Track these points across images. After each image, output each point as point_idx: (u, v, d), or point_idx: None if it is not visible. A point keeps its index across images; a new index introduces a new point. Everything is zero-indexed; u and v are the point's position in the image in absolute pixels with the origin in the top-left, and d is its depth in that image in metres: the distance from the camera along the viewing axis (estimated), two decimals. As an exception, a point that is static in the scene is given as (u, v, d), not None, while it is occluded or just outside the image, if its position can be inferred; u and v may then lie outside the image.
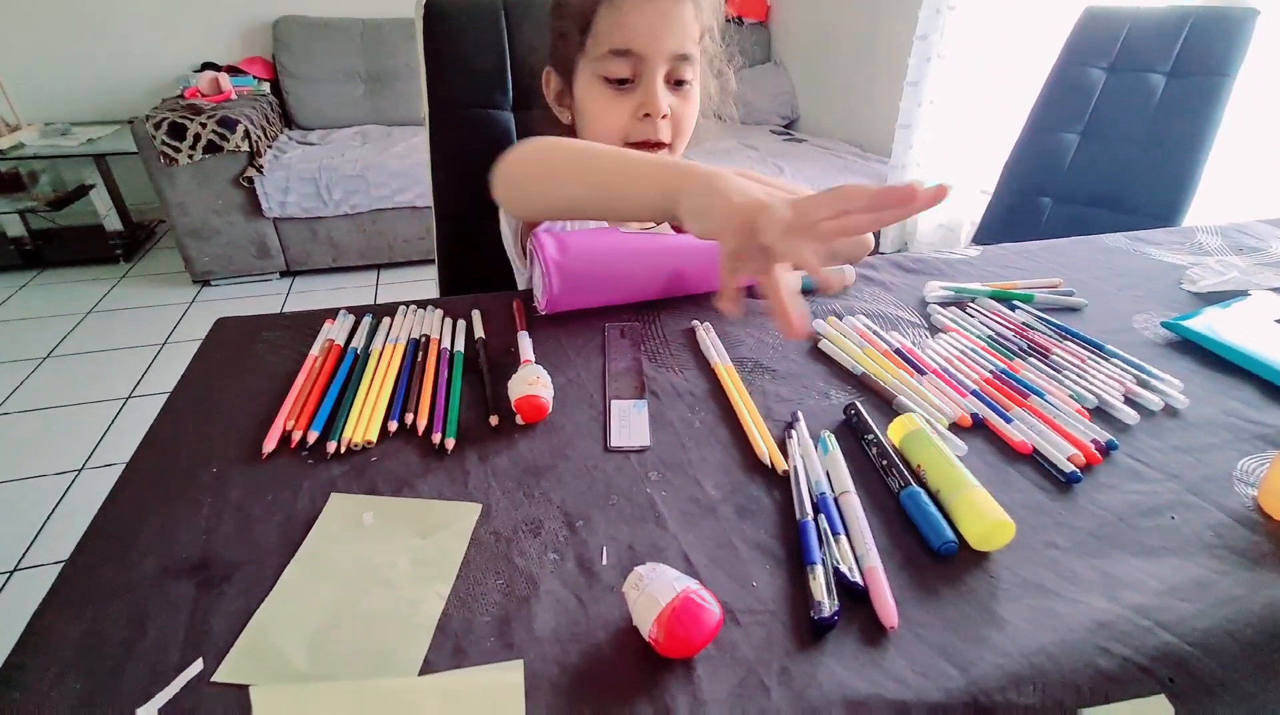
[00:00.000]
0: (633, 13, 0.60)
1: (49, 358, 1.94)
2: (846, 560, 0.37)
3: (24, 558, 1.27)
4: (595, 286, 0.62)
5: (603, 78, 0.63)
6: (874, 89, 2.51)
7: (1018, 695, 0.30)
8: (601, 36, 0.61)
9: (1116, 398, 0.51)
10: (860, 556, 0.37)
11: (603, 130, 0.66)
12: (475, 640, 0.33)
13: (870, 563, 0.36)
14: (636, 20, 0.60)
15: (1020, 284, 0.70)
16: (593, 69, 0.64)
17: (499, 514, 0.41)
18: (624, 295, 0.64)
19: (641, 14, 0.60)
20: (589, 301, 0.63)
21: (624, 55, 0.61)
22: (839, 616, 0.34)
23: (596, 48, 0.62)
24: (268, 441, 0.45)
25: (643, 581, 0.33)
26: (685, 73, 0.64)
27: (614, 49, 0.61)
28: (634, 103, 0.64)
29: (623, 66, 0.62)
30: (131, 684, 0.30)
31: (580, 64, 0.65)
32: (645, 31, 0.61)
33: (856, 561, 0.37)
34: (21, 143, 2.38)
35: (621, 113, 0.64)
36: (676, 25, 0.61)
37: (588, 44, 0.63)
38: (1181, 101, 1.42)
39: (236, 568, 0.37)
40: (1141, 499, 0.43)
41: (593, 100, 0.65)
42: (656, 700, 0.30)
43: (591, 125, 0.67)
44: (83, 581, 0.36)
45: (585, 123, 0.68)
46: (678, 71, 0.63)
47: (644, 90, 0.63)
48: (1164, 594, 0.36)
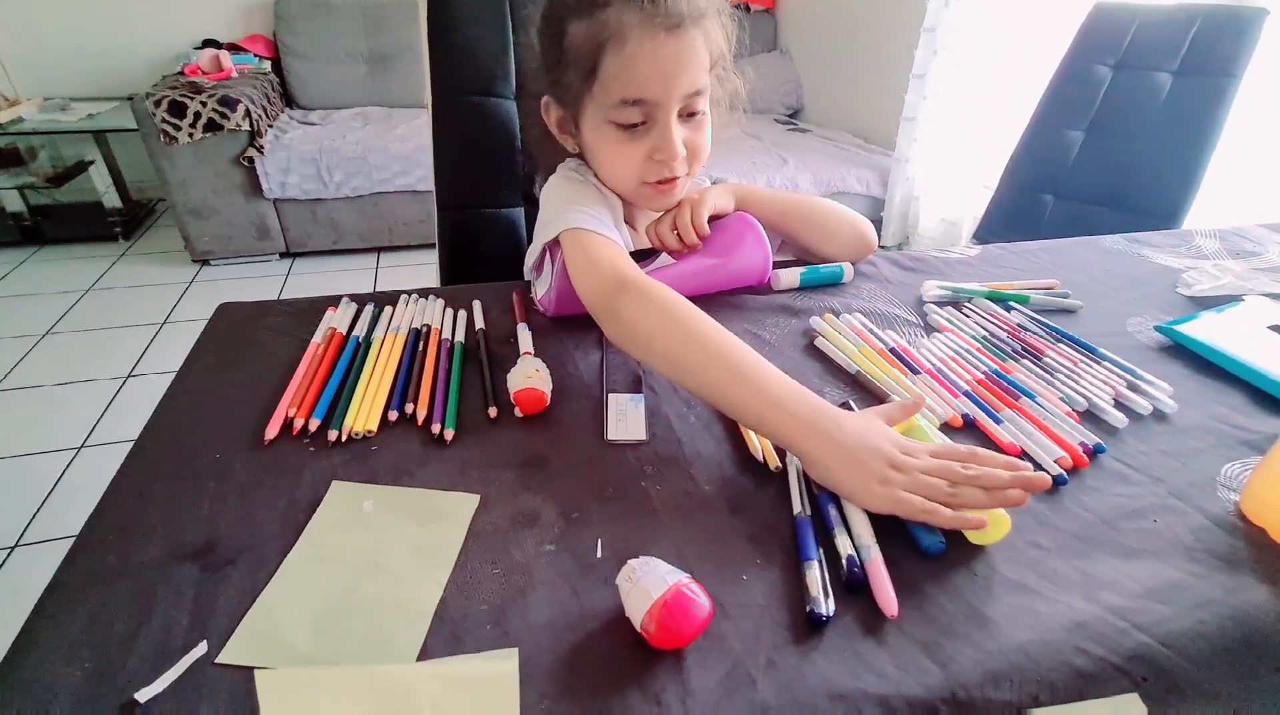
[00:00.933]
0: (642, 60, 0.55)
1: (48, 335, 1.94)
2: (846, 552, 0.38)
3: (24, 534, 1.28)
4: None
5: (613, 123, 0.59)
6: (879, 81, 2.49)
7: (995, 691, 0.32)
8: (610, 83, 0.57)
9: (1106, 401, 0.52)
10: (861, 549, 0.38)
11: (616, 173, 0.64)
12: (472, 628, 0.34)
13: (872, 556, 0.37)
14: (647, 69, 0.56)
15: (1016, 285, 0.70)
16: (601, 115, 0.59)
17: (497, 505, 0.42)
18: None
19: (652, 62, 0.55)
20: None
21: (635, 104, 0.57)
22: (835, 613, 0.35)
23: (605, 95, 0.58)
24: (270, 428, 0.46)
25: (635, 574, 0.34)
26: (698, 105, 0.60)
27: (625, 98, 0.57)
28: (647, 146, 0.60)
29: (634, 113, 0.58)
30: (139, 662, 0.31)
31: (586, 107, 0.61)
32: (657, 78, 0.56)
33: (858, 553, 0.38)
34: (20, 117, 2.36)
35: (635, 156, 0.61)
36: (688, 63, 0.57)
37: (594, 89, 0.58)
38: (1187, 101, 1.42)
39: (240, 552, 0.37)
40: (1125, 502, 0.44)
41: (604, 144, 0.62)
42: (647, 689, 0.31)
43: (604, 168, 0.65)
44: (90, 563, 0.37)
45: (597, 162, 0.65)
46: (690, 105, 0.60)
47: (658, 134, 0.59)
48: (1141, 596, 0.37)
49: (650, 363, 0.52)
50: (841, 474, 0.41)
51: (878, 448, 0.42)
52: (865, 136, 2.61)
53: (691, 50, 0.57)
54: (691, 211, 0.64)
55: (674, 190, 0.64)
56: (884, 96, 2.44)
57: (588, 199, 0.64)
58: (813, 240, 0.73)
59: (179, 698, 0.30)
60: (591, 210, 0.62)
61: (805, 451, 0.43)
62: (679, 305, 0.51)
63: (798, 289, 0.70)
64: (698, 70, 0.58)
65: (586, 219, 0.60)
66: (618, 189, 0.66)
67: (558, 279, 0.60)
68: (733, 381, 0.46)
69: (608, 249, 0.58)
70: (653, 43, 0.55)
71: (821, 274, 0.70)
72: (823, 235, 0.73)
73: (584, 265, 0.57)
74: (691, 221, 0.64)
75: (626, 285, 0.53)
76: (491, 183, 0.94)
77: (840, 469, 0.41)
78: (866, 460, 0.41)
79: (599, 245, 0.58)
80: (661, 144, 0.59)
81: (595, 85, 0.58)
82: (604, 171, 0.65)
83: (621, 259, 0.57)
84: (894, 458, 0.41)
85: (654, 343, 0.50)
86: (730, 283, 0.68)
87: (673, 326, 0.50)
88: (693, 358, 0.48)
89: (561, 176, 0.69)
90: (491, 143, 0.91)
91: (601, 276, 0.55)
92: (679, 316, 0.50)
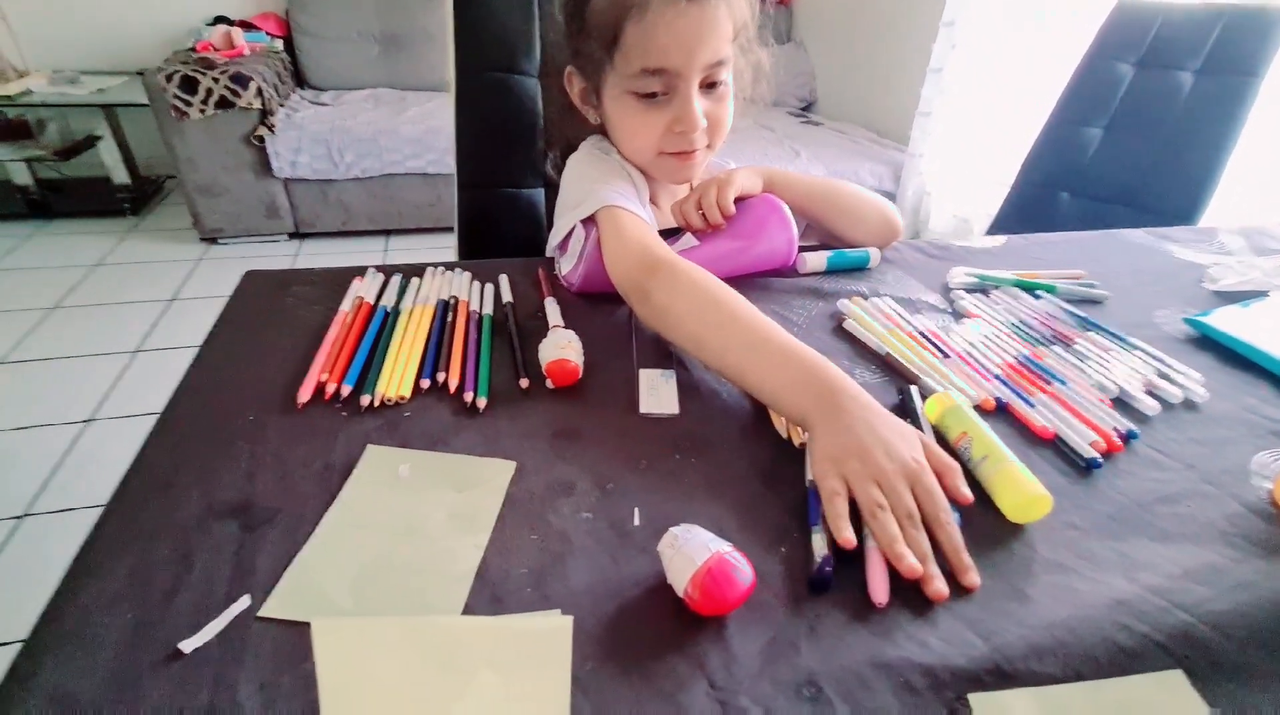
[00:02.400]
0: (662, 29, 0.55)
1: (57, 308, 1.94)
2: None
3: (34, 503, 1.29)
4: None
5: (633, 93, 0.59)
6: (895, 75, 2.48)
7: (1039, 664, 0.31)
8: (631, 54, 0.57)
9: (1137, 389, 0.52)
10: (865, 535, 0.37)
11: (636, 145, 0.64)
12: (513, 590, 0.34)
13: (871, 543, 0.37)
14: (667, 37, 0.55)
15: (1043, 275, 0.70)
16: (622, 85, 0.60)
17: (532, 473, 0.42)
18: None
19: (672, 30, 0.55)
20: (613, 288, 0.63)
21: (656, 74, 0.57)
22: (831, 572, 0.35)
23: (626, 65, 0.58)
24: (302, 392, 0.46)
25: (678, 541, 0.34)
26: (719, 75, 0.60)
27: (645, 68, 0.57)
28: (668, 117, 0.60)
29: (654, 83, 0.58)
30: (180, 615, 0.31)
31: (608, 77, 0.61)
32: (678, 47, 0.56)
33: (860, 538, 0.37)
34: (29, 89, 2.35)
35: (655, 128, 0.61)
36: (710, 33, 0.57)
37: (615, 59, 0.58)
38: (1208, 100, 1.41)
39: (277, 512, 0.37)
40: (1159, 487, 0.44)
41: (624, 116, 0.62)
42: (689, 654, 0.31)
43: (624, 139, 0.65)
44: (127, 520, 0.36)
45: (617, 134, 0.66)
46: (711, 76, 0.59)
47: (679, 104, 0.59)
48: (1180, 577, 0.37)
49: (679, 343, 0.53)
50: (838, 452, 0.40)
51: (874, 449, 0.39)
52: (879, 130, 2.60)
53: (714, 19, 0.57)
54: (718, 191, 0.64)
55: (693, 162, 0.64)
56: (899, 90, 2.43)
57: (614, 175, 0.64)
58: (839, 224, 0.73)
59: (223, 648, 0.30)
60: (620, 187, 0.61)
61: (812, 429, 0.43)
62: (710, 286, 0.51)
63: (824, 273, 0.69)
64: (720, 40, 0.58)
65: (618, 197, 0.60)
66: (637, 161, 0.66)
67: (589, 256, 0.60)
68: (753, 360, 0.46)
69: (639, 228, 0.58)
70: (674, 11, 0.55)
71: (849, 258, 0.70)
72: (850, 220, 0.72)
73: (616, 246, 0.57)
74: (717, 201, 0.63)
75: (658, 267, 0.53)
76: (513, 162, 0.94)
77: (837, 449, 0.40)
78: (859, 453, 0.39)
79: (631, 225, 0.58)
80: (682, 114, 0.59)
81: (616, 55, 0.58)
82: (624, 143, 0.65)
83: (652, 239, 0.57)
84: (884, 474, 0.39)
85: (683, 325, 0.51)
86: (755, 265, 0.68)
87: (702, 308, 0.50)
88: (718, 341, 0.49)
89: (586, 153, 0.69)
90: (514, 121, 0.90)
91: (633, 258, 0.55)
92: (708, 297, 0.50)
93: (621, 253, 0.56)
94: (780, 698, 0.30)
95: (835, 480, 0.39)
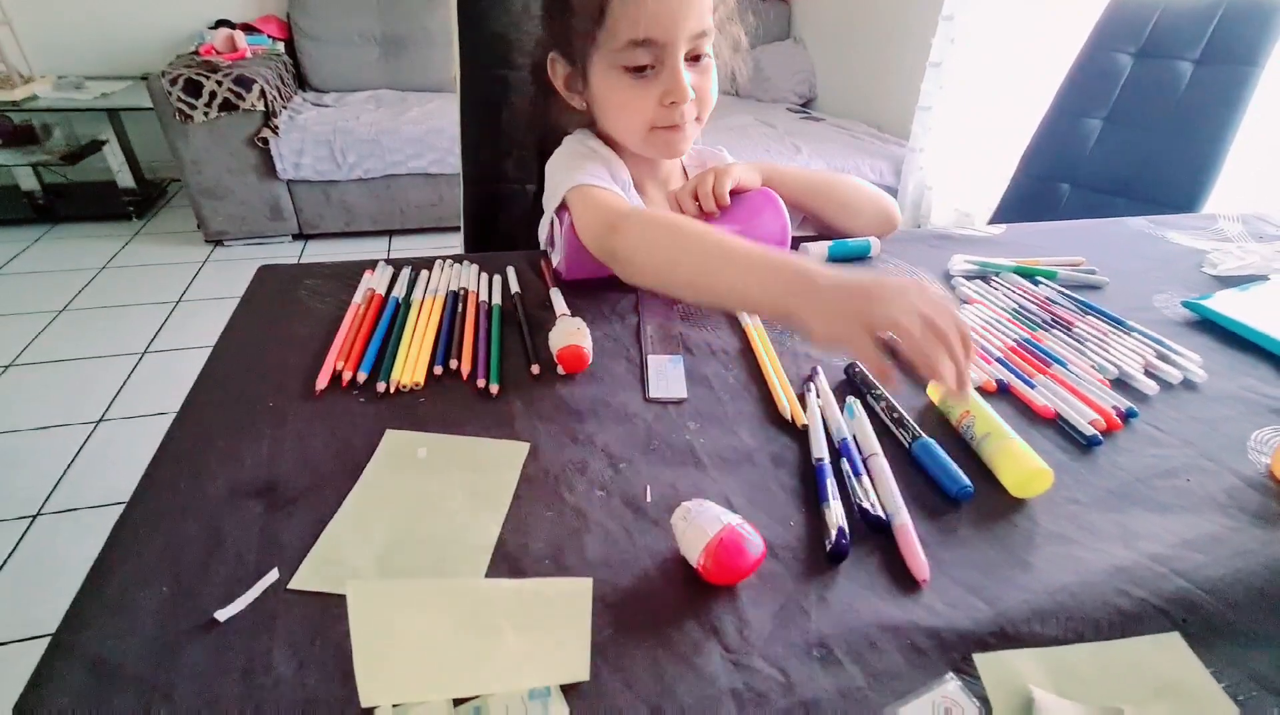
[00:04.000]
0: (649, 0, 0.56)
1: (64, 311, 1.96)
2: (869, 497, 0.39)
3: (46, 503, 1.30)
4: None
5: (622, 67, 0.60)
6: (895, 69, 2.49)
7: (1042, 627, 0.33)
8: (618, 27, 0.58)
9: (1137, 370, 0.53)
10: (891, 515, 0.39)
11: (627, 121, 0.64)
12: (531, 562, 0.35)
13: (901, 520, 0.38)
14: (654, 6, 0.56)
15: (1043, 261, 0.71)
16: (609, 60, 0.60)
17: (546, 454, 0.43)
18: None
19: (658, 1, 0.56)
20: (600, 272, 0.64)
21: (644, 45, 0.58)
22: (848, 543, 0.36)
23: (613, 39, 0.58)
24: (320, 379, 0.47)
25: (690, 514, 0.35)
26: (703, 47, 0.61)
27: (633, 39, 0.58)
28: (657, 90, 0.61)
29: (643, 55, 0.59)
30: (213, 587, 0.33)
31: (595, 55, 0.61)
32: (665, 17, 0.57)
33: (886, 514, 0.39)
34: (35, 94, 2.37)
35: (646, 101, 0.61)
36: (695, 4, 0.58)
37: (601, 36, 0.59)
38: (1208, 91, 1.41)
39: (301, 492, 0.39)
40: (1158, 462, 0.45)
41: (613, 92, 0.62)
42: (704, 620, 0.33)
43: (614, 116, 0.65)
44: (157, 500, 0.38)
45: (606, 113, 0.66)
46: (696, 48, 0.61)
47: (668, 77, 0.60)
48: (1178, 546, 0.38)
49: (660, 287, 0.55)
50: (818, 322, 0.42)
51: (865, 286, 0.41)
52: (879, 125, 2.61)
53: None
54: (715, 180, 0.65)
55: (683, 135, 0.65)
56: (899, 85, 2.44)
57: (585, 159, 0.65)
58: (837, 217, 0.74)
59: (256, 617, 0.31)
60: (590, 169, 0.63)
61: (792, 313, 0.44)
62: (666, 220, 0.54)
63: (826, 262, 0.70)
64: (703, 10, 0.59)
65: (585, 177, 0.61)
66: (628, 140, 0.67)
67: (566, 241, 0.61)
68: (721, 272, 0.48)
69: (603, 196, 0.60)
70: None
71: (850, 247, 0.71)
72: (847, 212, 0.73)
73: (584, 218, 0.59)
74: (714, 190, 0.65)
75: (618, 223, 0.55)
76: (517, 158, 0.95)
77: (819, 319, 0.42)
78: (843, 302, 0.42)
79: (595, 195, 0.60)
80: (672, 86, 0.60)
81: (602, 31, 0.59)
82: (614, 122, 0.66)
83: (616, 201, 0.59)
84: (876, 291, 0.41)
85: (651, 264, 0.53)
86: None
87: (663, 242, 0.52)
88: (686, 267, 0.51)
89: (565, 146, 0.70)
90: (518, 117, 0.91)
91: (599, 222, 0.57)
92: (665, 230, 0.53)
93: (588, 221, 0.58)
94: (792, 659, 0.31)
95: (848, 330, 0.41)
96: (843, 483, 0.41)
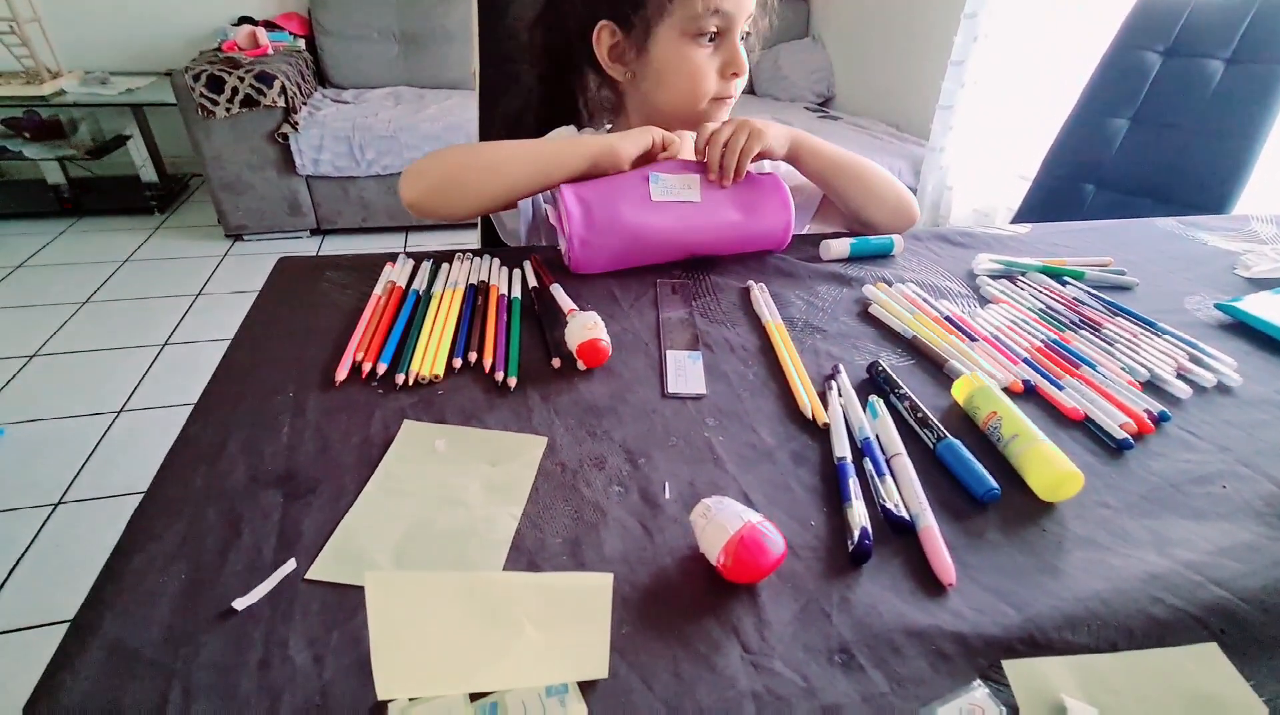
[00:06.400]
0: None
1: (88, 303, 1.99)
2: (892, 498, 0.38)
3: (68, 492, 1.32)
4: (617, 258, 0.63)
5: (693, 35, 0.65)
6: (915, 68, 2.46)
7: (1073, 635, 0.32)
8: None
9: (1169, 373, 0.52)
10: (915, 517, 0.38)
11: (693, 87, 0.68)
12: (549, 557, 0.35)
13: (926, 522, 0.37)
14: None
15: (1070, 261, 0.69)
16: (682, 26, 0.64)
17: (564, 448, 0.42)
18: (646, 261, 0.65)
19: None
20: (611, 267, 0.64)
21: (717, 13, 0.63)
22: (871, 544, 0.35)
23: (688, 5, 0.63)
24: (339, 370, 0.47)
25: (710, 511, 0.34)
26: (749, 26, 0.67)
27: (708, 6, 0.63)
28: (718, 62, 0.67)
29: (716, 20, 0.64)
30: (230, 576, 0.33)
31: (664, 21, 0.65)
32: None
33: (910, 515, 0.38)
34: (63, 90, 2.41)
35: (713, 69, 0.67)
36: None
37: (674, 3, 0.64)
38: (1239, 90, 1.38)
39: (319, 482, 0.38)
40: (1192, 467, 0.43)
41: (684, 60, 0.66)
42: (723, 619, 0.32)
43: (681, 83, 0.68)
44: (177, 487, 0.38)
45: (668, 80, 0.68)
46: (747, 26, 0.67)
47: (728, 49, 0.66)
48: (1214, 554, 0.37)
49: (466, 188, 0.63)
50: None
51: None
52: (898, 125, 2.58)
53: None
54: (747, 141, 0.64)
55: (728, 109, 0.71)
56: (919, 84, 2.41)
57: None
58: (858, 201, 0.72)
59: (274, 607, 0.31)
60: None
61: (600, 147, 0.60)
62: (442, 152, 0.64)
63: (848, 259, 0.69)
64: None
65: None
66: (689, 106, 0.70)
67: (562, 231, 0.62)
68: (528, 148, 0.63)
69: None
70: None
71: (872, 245, 0.70)
72: (869, 198, 0.72)
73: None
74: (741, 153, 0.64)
75: (407, 171, 0.64)
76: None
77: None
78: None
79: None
80: (733, 58, 0.66)
81: (676, 1, 0.64)
82: (679, 87, 0.69)
83: None
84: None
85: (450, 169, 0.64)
86: (748, 240, 0.67)
87: (460, 150, 0.64)
88: (483, 156, 0.64)
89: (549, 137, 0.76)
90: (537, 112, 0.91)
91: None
92: (440, 157, 0.63)
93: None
94: (813, 663, 0.30)
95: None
96: (865, 483, 0.40)
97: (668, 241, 0.63)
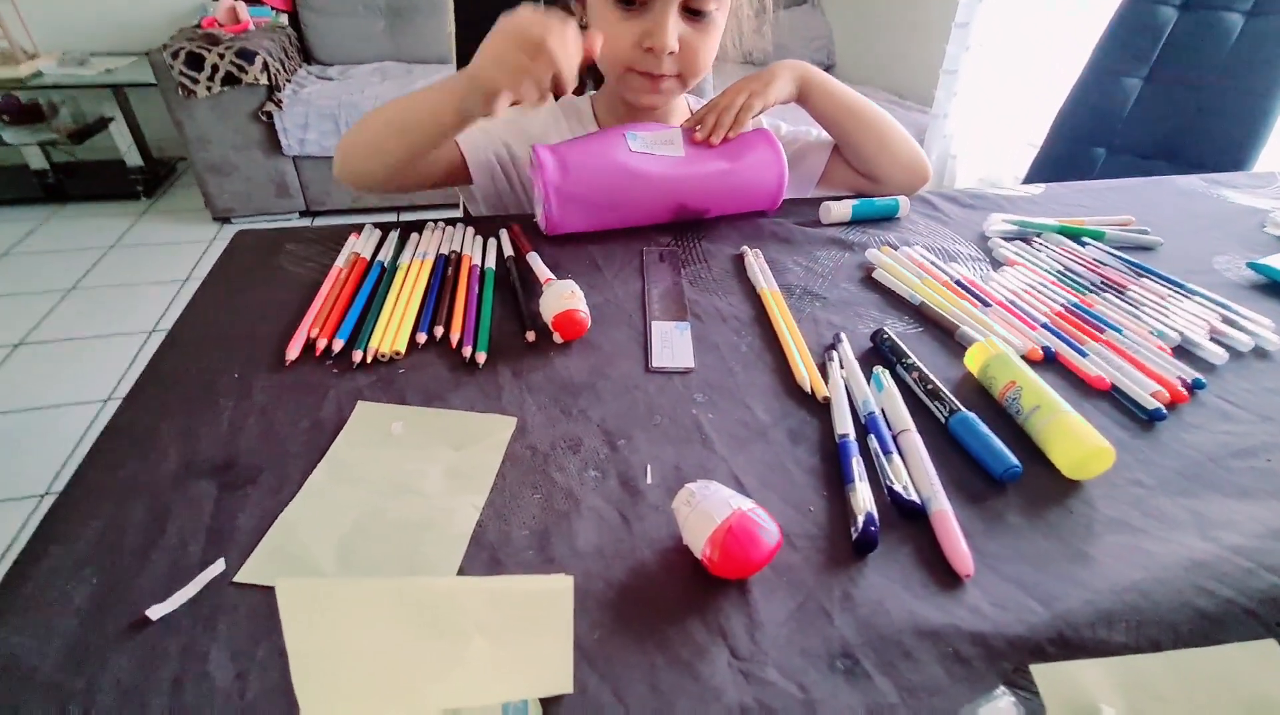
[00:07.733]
0: None
1: (74, 290, 1.94)
2: (901, 479, 0.34)
3: (54, 483, 1.29)
4: (596, 211, 0.58)
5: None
6: (918, 32, 2.37)
7: (1109, 632, 0.28)
8: None
9: (1201, 336, 0.47)
10: (927, 500, 0.34)
11: (606, 54, 0.59)
12: (513, 552, 0.31)
13: (939, 506, 0.33)
14: None
15: (1088, 221, 0.65)
16: None
17: (535, 429, 0.38)
18: (629, 219, 0.60)
19: None
20: (591, 224, 0.59)
21: None
22: (877, 531, 0.31)
23: None
24: (291, 348, 0.43)
25: (695, 498, 0.30)
26: (706, 3, 0.56)
27: None
28: (639, 30, 0.56)
29: None
30: (150, 581, 0.29)
31: None
32: None
33: (921, 499, 0.34)
34: (40, 71, 2.34)
35: (625, 38, 0.57)
36: None
37: None
38: (1260, 44, 1.31)
39: (260, 470, 0.35)
40: (1233, 440, 0.39)
41: (599, 19, 0.58)
42: (710, 620, 0.28)
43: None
44: (100, 478, 0.34)
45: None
46: (696, 1, 0.56)
47: (652, 19, 0.55)
48: (1265, 536, 0.33)
49: (366, 160, 0.59)
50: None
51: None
52: (900, 93, 2.50)
53: None
54: (744, 104, 0.60)
55: (660, 90, 0.61)
56: (921, 49, 2.33)
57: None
58: (869, 149, 0.67)
59: (195, 616, 0.27)
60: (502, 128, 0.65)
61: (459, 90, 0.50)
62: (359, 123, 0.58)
63: (849, 223, 0.64)
64: None
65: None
66: (606, 74, 0.64)
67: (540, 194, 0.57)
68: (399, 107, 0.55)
69: None
70: None
71: (876, 207, 0.65)
72: (881, 147, 0.67)
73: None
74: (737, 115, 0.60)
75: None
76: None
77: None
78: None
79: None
80: (652, 29, 0.56)
81: None
82: (600, 54, 0.62)
83: None
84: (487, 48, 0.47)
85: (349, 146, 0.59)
86: (739, 191, 0.62)
87: (359, 123, 0.58)
88: (371, 126, 0.56)
89: None
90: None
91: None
92: (358, 128, 0.58)
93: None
94: (811, 670, 0.26)
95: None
96: (870, 463, 0.36)
97: (651, 192, 0.58)
